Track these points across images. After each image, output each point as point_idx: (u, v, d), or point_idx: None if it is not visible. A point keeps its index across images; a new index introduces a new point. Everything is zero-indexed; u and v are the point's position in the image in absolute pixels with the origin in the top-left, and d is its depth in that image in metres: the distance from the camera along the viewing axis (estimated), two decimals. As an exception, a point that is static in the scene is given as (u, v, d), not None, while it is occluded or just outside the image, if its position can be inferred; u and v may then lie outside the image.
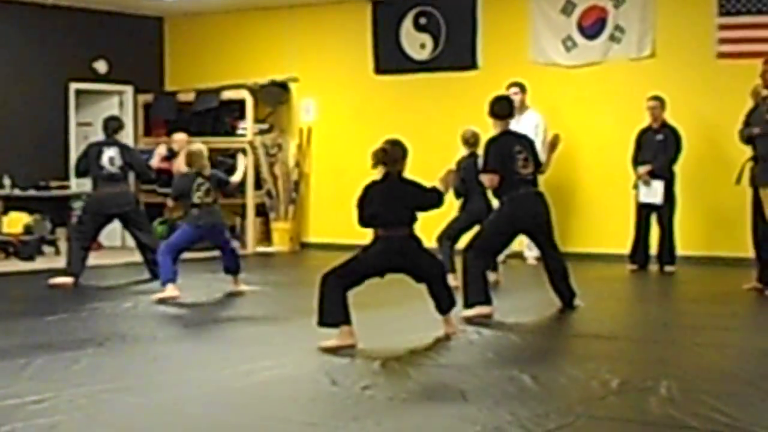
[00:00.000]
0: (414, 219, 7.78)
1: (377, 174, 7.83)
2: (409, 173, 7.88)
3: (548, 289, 9.45)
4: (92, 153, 11.71)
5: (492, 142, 9.29)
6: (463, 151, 11.04)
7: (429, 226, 9.04)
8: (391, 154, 7.77)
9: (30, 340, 7.89)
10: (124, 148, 11.85)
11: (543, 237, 9.35)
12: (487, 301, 8.87)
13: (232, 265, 10.73)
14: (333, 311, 7.52)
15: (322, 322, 7.55)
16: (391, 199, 7.70)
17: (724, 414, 5.48)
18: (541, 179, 9.68)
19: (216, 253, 11.02)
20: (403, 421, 5.61)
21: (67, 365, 6.94)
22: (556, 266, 9.36)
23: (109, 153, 11.65)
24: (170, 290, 10.21)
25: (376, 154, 7.76)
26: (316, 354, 7.34)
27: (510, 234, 9.36)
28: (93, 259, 12.09)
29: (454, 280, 10.34)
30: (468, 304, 8.82)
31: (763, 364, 7.21)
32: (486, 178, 9.25)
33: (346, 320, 7.51)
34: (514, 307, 9.44)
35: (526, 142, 9.36)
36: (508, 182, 9.10)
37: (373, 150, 7.80)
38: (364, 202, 7.76)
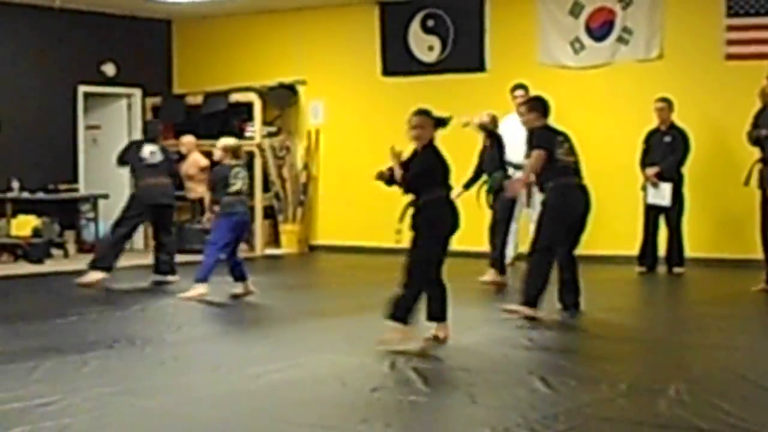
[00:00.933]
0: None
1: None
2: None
3: (555, 290, 9.45)
4: (133, 147, 12.16)
5: (536, 129, 9.34)
6: (481, 141, 10.87)
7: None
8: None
9: (39, 343, 7.90)
10: (162, 146, 12.24)
11: (579, 232, 9.36)
12: (533, 304, 8.94)
13: (241, 272, 10.74)
14: (404, 308, 7.58)
15: (392, 316, 7.59)
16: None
17: (733, 416, 5.47)
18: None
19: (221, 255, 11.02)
20: (413, 423, 5.62)
21: (76, 368, 6.95)
22: (574, 265, 9.37)
23: (150, 148, 11.99)
24: (199, 288, 10.33)
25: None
26: (326, 356, 7.35)
27: (566, 225, 9.28)
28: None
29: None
30: (524, 302, 8.94)
31: (772, 365, 7.21)
32: (535, 154, 9.12)
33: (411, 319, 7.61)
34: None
35: (567, 137, 9.42)
36: (552, 168, 9.10)
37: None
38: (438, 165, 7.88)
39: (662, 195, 12.23)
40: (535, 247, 9.15)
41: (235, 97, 15.71)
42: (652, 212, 12.45)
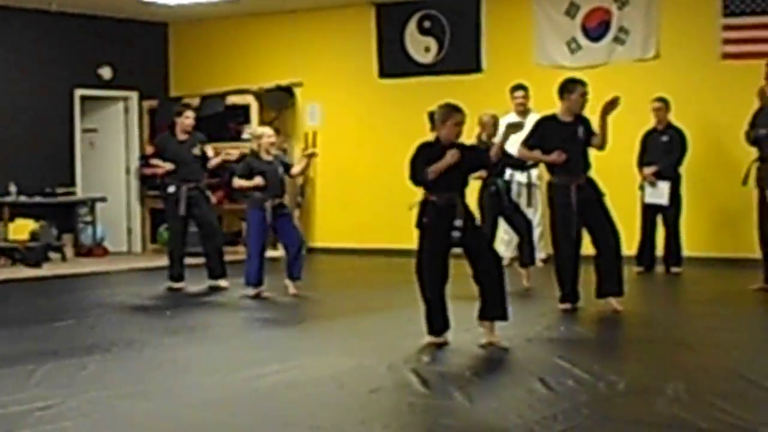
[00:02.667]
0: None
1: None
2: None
3: (554, 288, 9.46)
4: None
5: None
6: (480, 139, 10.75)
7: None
8: None
9: (37, 347, 7.90)
10: None
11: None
12: None
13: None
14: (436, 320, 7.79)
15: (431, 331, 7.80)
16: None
17: (731, 414, 5.47)
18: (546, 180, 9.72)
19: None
20: (410, 425, 5.62)
21: (74, 371, 6.95)
22: None
23: None
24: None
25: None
26: (323, 358, 7.35)
27: None
28: (98, 265, 12.10)
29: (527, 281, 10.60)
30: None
31: (770, 364, 7.21)
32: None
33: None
34: (518, 310, 9.39)
35: None
36: None
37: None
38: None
39: (660, 194, 12.23)
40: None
41: (231, 100, 15.72)
42: (649, 212, 12.44)
